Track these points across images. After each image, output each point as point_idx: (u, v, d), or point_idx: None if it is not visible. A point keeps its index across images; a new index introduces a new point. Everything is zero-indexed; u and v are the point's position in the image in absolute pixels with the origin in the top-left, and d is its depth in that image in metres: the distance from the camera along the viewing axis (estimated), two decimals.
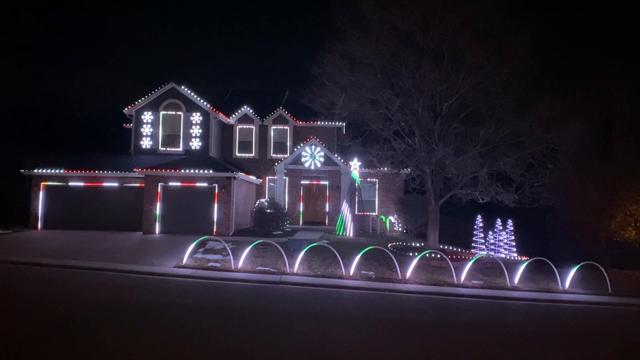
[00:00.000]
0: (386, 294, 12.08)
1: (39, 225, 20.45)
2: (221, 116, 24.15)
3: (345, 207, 21.35)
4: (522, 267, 14.52)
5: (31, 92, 39.45)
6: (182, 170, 19.78)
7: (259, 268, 13.82)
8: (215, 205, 19.89)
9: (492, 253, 18.20)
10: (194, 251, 14.92)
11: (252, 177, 24.01)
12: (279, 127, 25.85)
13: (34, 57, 46.56)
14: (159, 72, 57.14)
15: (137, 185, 20.43)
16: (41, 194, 20.65)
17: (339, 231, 20.98)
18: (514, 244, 18.30)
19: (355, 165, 21.73)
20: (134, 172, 19.88)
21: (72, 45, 53.49)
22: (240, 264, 13.88)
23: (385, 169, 20.22)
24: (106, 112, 33.06)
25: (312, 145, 23.97)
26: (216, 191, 19.95)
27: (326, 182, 24.41)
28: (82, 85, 47.34)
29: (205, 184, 20.09)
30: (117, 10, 62.98)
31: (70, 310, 8.44)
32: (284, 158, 24.38)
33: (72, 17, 57.16)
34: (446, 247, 18.68)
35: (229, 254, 14.02)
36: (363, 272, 14.04)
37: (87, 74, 50.11)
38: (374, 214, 24.56)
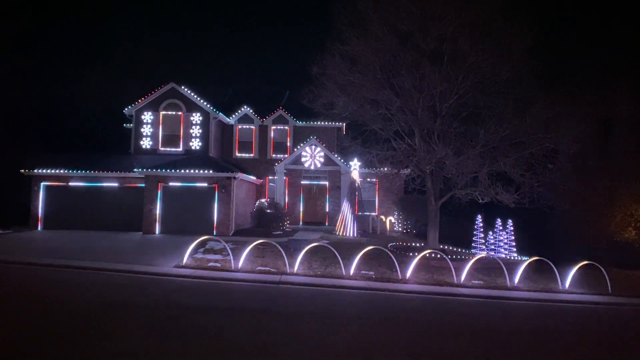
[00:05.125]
0: (386, 294, 12.08)
1: (39, 225, 20.46)
2: (221, 116, 24.15)
3: (345, 207, 21.34)
4: (522, 267, 14.52)
5: (31, 92, 39.41)
6: (182, 170, 19.79)
7: (259, 268, 13.82)
8: (215, 205, 19.89)
9: (492, 253, 18.19)
10: (194, 251, 14.91)
11: (252, 177, 24.02)
12: (279, 127, 25.86)
13: (34, 57, 46.51)
14: (159, 72, 57.07)
15: (137, 185, 20.43)
16: (41, 194, 20.66)
17: (339, 231, 20.97)
18: (514, 244, 18.30)
19: (355, 166, 21.73)
20: (134, 172, 19.89)
21: (72, 45, 53.52)
22: (240, 264, 13.88)
23: (385, 169, 20.20)
24: (106, 112, 33.00)
25: (312, 145, 23.97)
26: (216, 191, 19.95)
27: (326, 182, 24.41)
28: (82, 85, 47.30)
29: (205, 184, 20.10)
30: (117, 10, 62.95)
31: (70, 310, 8.45)
32: (284, 158, 24.38)
33: (72, 16, 57.18)
34: (446, 247, 18.67)
35: (229, 254, 14.02)
36: (363, 272, 14.04)
37: (87, 74, 50.08)
38: (374, 214, 24.55)
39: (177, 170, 19.79)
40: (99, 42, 56.70)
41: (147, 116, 23.40)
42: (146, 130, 23.40)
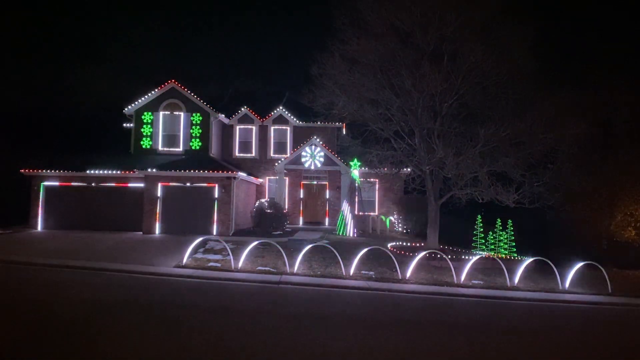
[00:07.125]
0: (386, 294, 12.08)
1: (39, 225, 20.45)
2: (221, 116, 24.14)
3: (345, 207, 21.33)
4: (522, 267, 14.51)
5: (31, 92, 39.44)
6: (182, 170, 19.78)
7: (259, 268, 13.82)
8: (215, 205, 19.89)
9: (492, 253, 18.19)
10: (194, 251, 14.92)
11: (252, 177, 24.01)
12: (279, 127, 25.84)
13: (34, 57, 46.59)
14: (159, 72, 57.09)
15: (137, 185, 20.42)
16: (41, 194, 20.65)
17: (339, 231, 20.97)
18: (514, 244, 18.30)
19: (355, 165, 21.73)
20: (134, 172, 19.88)
21: (72, 45, 53.55)
22: (240, 264, 13.88)
23: (385, 169, 20.21)
24: (106, 112, 33.01)
25: (312, 145, 23.96)
26: (216, 191, 19.94)
27: (326, 182, 24.40)
28: (81, 85, 47.37)
29: (205, 184, 20.09)
30: (117, 9, 63.01)
31: (70, 310, 8.44)
32: (284, 158, 24.37)
33: (71, 16, 57.22)
34: (446, 247, 18.67)
35: (229, 254, 14.02)
36: (363, 272, 14.04)
37: (87, 74, 50.12)
38: (374, 214, 24.54)
39: (177, 170, 19.78)
40: (99, 42, 56.73)
41: (147, 116, 23.40)
42: (146, 130, 23.40)
